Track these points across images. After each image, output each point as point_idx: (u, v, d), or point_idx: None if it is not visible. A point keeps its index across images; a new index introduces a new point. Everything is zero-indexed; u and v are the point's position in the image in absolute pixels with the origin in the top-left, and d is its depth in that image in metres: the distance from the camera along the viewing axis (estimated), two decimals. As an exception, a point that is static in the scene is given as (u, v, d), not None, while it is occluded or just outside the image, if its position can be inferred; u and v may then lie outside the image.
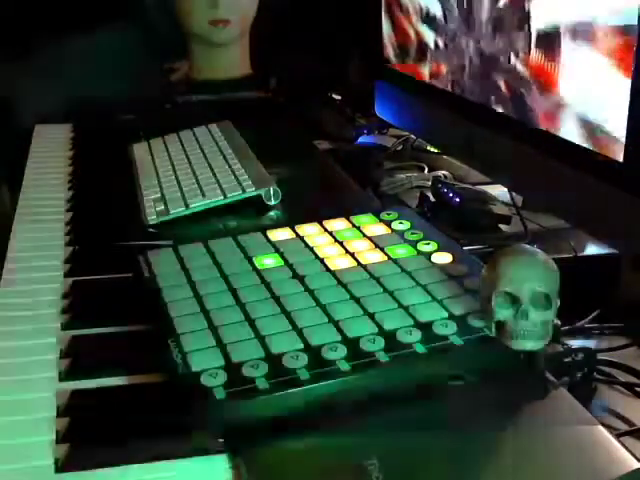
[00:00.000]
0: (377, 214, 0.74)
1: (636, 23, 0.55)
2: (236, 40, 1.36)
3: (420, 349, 0.52)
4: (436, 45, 0.87)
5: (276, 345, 0.52)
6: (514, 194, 0.84)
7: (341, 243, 0.68)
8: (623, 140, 0.57)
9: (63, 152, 1.09)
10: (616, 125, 0.58)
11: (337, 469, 0.45)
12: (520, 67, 0.70)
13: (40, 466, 0.47)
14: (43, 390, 0.54)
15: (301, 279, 0.62)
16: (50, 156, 1.07)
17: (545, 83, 0.67)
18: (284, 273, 0.63)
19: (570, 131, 0.64)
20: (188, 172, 0.92)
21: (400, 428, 0.48)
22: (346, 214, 0.74)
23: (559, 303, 0.52)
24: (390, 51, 0.98)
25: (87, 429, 0.50)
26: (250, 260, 0.65)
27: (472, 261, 0.63)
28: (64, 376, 0.55)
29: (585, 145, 0.62)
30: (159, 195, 0.86)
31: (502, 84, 0.73)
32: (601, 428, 0.47)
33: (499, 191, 0.90)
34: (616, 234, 0.61)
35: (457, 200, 0.86)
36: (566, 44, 0.63)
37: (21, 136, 1.16)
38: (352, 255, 0.66)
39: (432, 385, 0.51)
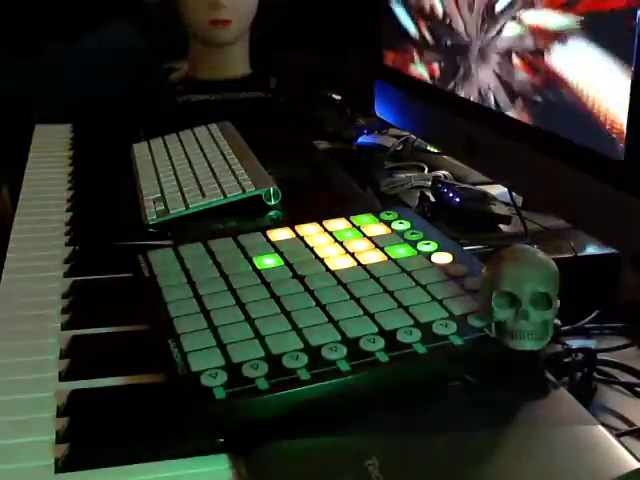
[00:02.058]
0: (377, 214, 0.74)
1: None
2: (236, 40, 1.36)
3: (420, 349, 0.52)
4: (436, 43, 0.87)
5: (276, 345, 0.52)
6: (514, 194, 0.84)
7: (341, 243, 0.68)
8: (623, 139, 0.57)
9: (63, 152, 1.09)
10: (616, 124, 0.58)
11: (337, 469, 0.45)
12: (520, 66, 0.70)
13: (40, 466, 0.47)
14: (43, 390, 0.54)
15: (301, 279, 0.62)
16: (50, 156, 1.07)
17: (545, 81, 0.67)
18: (284, 273, 0.63)
19: (570, 130, 0.64)
20: (188, 172, 0.92)
21: (400, 428, 0.48)
22: (346, 214, 0.74)
23: (559, 303, 0.52)
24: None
25: (87, 429, 0.50)
26: (250, 260, 0.65)
27: (472, 261, 0.63)
28: (64, 376, 0.55)
29: (585, 145, 0.62)
30: (159, 195, 0.86)
31: (502, 84, 0.73)
32: (601, 428, 0.47)
33: (499, 191, 0.90)
34: (616, 234, 0.61)
35: (457, 200, 0.86)
36: (564, 42, 0.63)
37: (21, 136, 1.16)
38: (352, 255, 0.65)
39: (432, 385, 0.51)
